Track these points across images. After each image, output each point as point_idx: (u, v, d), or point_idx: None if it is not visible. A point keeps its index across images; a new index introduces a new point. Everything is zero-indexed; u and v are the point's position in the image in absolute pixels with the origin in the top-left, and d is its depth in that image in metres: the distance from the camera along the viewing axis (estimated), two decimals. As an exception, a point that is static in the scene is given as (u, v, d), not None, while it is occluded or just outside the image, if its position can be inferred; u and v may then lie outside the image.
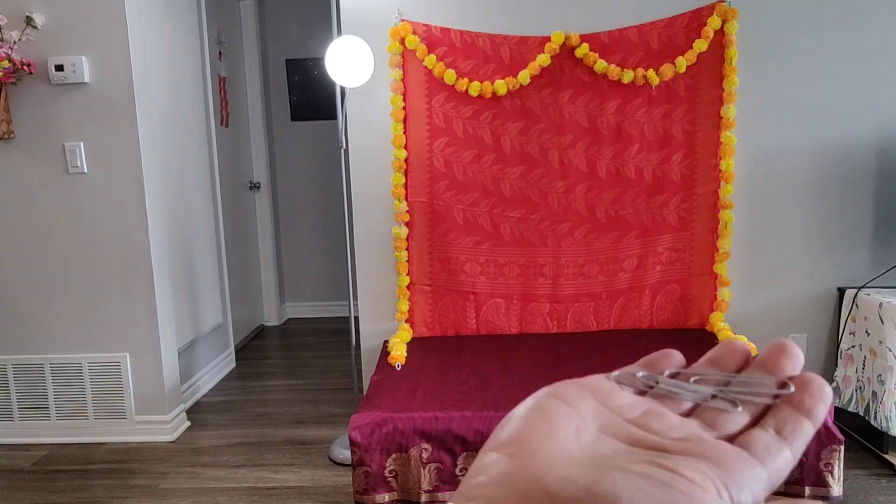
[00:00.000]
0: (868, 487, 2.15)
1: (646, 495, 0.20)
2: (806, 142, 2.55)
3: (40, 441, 2.66)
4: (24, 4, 2.44)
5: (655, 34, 2.47)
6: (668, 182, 2.55)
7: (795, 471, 1.83)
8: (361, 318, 2.72)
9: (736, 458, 0.23)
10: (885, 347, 2.24)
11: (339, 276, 4.30)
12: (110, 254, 2.58)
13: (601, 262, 2.61)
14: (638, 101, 2.50)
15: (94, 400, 2.67)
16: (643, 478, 0.21)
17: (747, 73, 2.47)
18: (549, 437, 0.23)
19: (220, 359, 3.51)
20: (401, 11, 2.48)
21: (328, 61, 2.26)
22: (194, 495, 2.22)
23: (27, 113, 2.51)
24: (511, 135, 2.54)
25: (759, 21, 2.47)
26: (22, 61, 2.42)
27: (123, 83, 2.49)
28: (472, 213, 2.58)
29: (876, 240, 2.60)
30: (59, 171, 2.53)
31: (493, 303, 2.63)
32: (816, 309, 2.66)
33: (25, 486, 2.33)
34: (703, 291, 2.61)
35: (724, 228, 2.53)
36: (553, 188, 2.57)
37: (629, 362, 0.28)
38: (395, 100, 2.51)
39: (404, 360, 2.28)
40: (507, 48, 2.49)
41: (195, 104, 3.28)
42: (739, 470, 0.23)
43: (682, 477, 0.21)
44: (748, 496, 0.22)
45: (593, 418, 0.25)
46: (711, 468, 0.22)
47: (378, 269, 2.67)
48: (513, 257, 2.61)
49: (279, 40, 4.43)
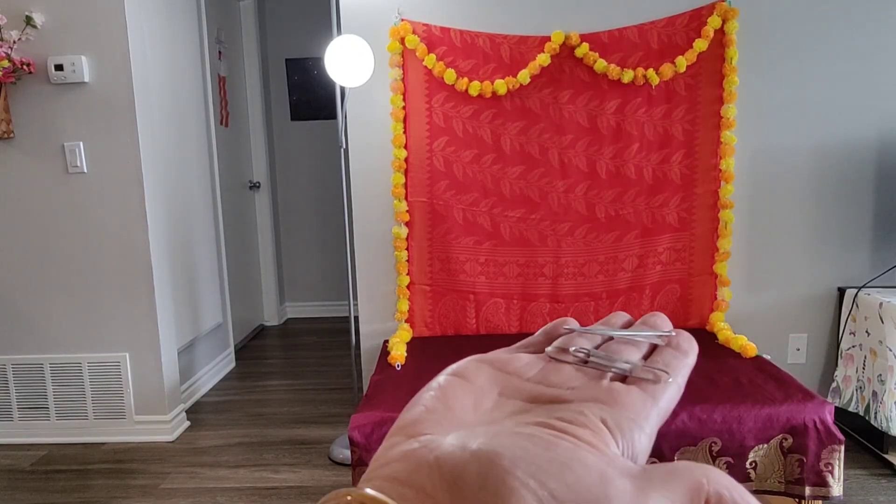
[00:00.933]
0: (868, 487, 2.15)
1: (527, 452, 0.20)
2: (806, 141, 2.55)
3: (40, 441, 2.66)
4: (24, 4, 2.44)
5: (655, 34, 2.46)
6: (668, 182, 2.55)
7: (796, 470, 1.83)
8: (361, 317, 2.72)
9: (627, 396, 0.25)
10: (886, 347, 2.24)
11: (339, 276, 4.30)
12: (110, 254, 2.57)
13: (601, 261, 2.60)
14: (638, 100, 2.49)
15: (93, 400, 2.66)
16: (528, 437, 0.21)
17: (747, 73, 2.47)
18: (447, 413, 0.24)
19: (220, 359, 3.51)
20: (401, 11, 2.48)
21: (328, 61, 2.26)
22: (194, 495, 2.22)
23: (27, 113, 2.51)
24: (511, 134, 2.54)
25: (759, 21, 2.47)
26: (22, 61, 2.42)
27: (123, 83, 2.49)
28: (471, 212, 2.58)
29: (876, 239, 2.60)
30: (58, 170, 2.53)
31: (493, 302, 2.63)
32: (817, 309, 2.66)
33: (25, 486, 2.33)
34: (703, 291, 2.60)
35: (724, 228, 2.53)
36: (553, 188, 2.57)
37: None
38: (395, 99, 2.51)
39: (404, 359, 2.28)
40: (507, 48, 2.49)
41: (195, 104, 3.28)
42: (632, 406, 0.24)
43: (568, 435, 0.22)
44: (640, 431, 0.23)
45: (492, 385, 0.26)
46: (604, 409, 0.23)
47: (378, 269, 2.67)
48: (513, 257, 2.61)
49: (279, 40, 4.43)
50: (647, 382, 0.26)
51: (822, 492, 1.83)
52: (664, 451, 1.84)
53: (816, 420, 1.82)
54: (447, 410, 0.24)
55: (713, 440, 1.84)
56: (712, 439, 1.84)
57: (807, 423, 1.82)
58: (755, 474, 1.86)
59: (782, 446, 1.84)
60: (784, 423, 1.83)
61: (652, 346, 0.29)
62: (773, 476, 1.86)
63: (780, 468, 1.85)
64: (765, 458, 1.85)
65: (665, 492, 0.21)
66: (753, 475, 1.86)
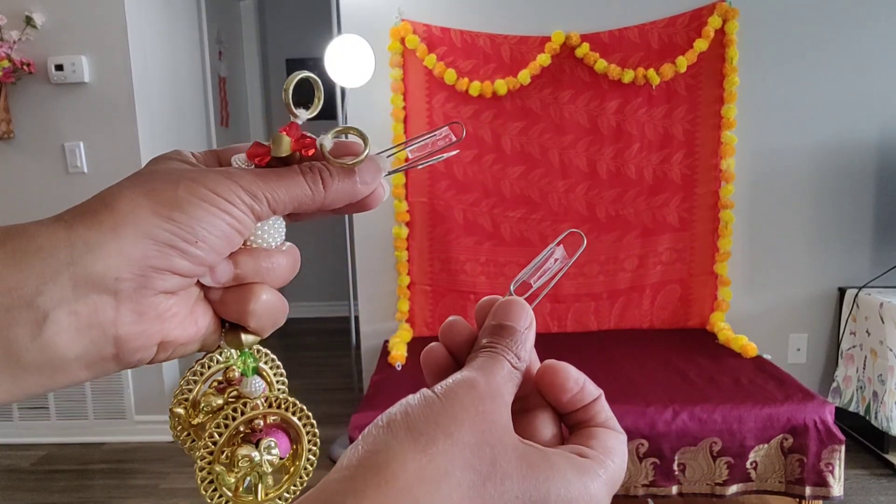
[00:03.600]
0: (869, 487, 2.15)
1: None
2: (806, 141, 2.55)
3: (40, 441, 2.66)
4: (24, 4, 2.43)
5: (656, 34, 2.46)
6: (669, 182, 2.55)
7: (797, 470, 1.83)
8: (361, 318, 2.72)
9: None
10: (886, 347, 2.24)
11: (339, 276, 4.29)
12: (110, 254, 2.57)
13: (601, 261, 2.60)
14: (638, 100, 2.49)
15: (93, 400, 2.66)
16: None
17: (747, 73, 2.47)
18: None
19: (220, 359, 3.51)
20: (401, 11, 2.48)
21: (328, 61, 2.26)
22: (194, 495, 2.22)
23: (27, 113, 2.51)
24: (511, 134, 2.54)
25: (759, 21, 2.47)
26: (22, 61, 2.42)
27: (123, 83, 2.49)
28: (472, 212, 2.58)
29: (876, 239, 2.60)
30: (58, 170, 2.53)
31: (494, 303, 2.63)
32: (817, 309, 2.66)
33: (25, 486, 2.33)
34: (704, 291, 2.60)
35: (724, 228, 2.53)
36: (553, 188, 2.56)
37: (629, 361, 0.30)
38: (396, 100, 2.51)
39: (405, 360, 2.28)
40: (507, 48, 2.49)
41: (195, 104, 3.28)
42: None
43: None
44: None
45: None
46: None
47: (378, 269, 2.67)
48: (513, 257, 2.61)
49: (279, 40, 4.43)
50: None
51: (823, 492, 1.83)
52: (665, 451, 1.84)
53: (817, 420, 1.82)
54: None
55: (714, 440, 1.84)
56: (713, 439, 1.84)
57: (807, 423, 1.82)
58: (756, 474, 1.86)
59: (783, 446, 1.84)
60: (784, 423, 1.83)
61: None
62: (774, 476, 1.86)
63: (781, 468, 1.85)
64: (765, 458, 1.85)
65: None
66: (754, 475, 1.86)
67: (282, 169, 0.31)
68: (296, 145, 0.31)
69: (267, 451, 0.34)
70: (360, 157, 0.32)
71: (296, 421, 0.36)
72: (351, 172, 0.32)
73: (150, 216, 0.28)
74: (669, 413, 1.85)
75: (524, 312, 0.31)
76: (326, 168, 0.31)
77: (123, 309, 0.28)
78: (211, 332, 0.33)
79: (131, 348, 0.29)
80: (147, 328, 0.29)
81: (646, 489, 1.86)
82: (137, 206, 0.28)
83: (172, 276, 0.29)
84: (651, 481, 1.85)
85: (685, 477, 1.86)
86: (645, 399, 1.91)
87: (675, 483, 1.86)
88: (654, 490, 1.86)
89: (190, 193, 0.28)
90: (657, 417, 1.84)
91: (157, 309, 0.29)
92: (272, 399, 0.35)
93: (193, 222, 0.28)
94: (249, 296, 0.31)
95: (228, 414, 0.34)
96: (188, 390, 0.38)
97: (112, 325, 0.27)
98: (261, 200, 0.30)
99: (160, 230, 0.28)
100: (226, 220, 0.29)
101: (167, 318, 0.29)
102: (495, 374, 0.28)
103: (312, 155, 0.31)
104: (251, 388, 0.35)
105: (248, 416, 0.34)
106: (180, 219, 0.28)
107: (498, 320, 0.30)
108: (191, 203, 0.28)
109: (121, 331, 0.28)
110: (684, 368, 2.13)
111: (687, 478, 1.86)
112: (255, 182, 0.30)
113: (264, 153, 0.31)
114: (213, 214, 0.29)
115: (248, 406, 0.34)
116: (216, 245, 0.29)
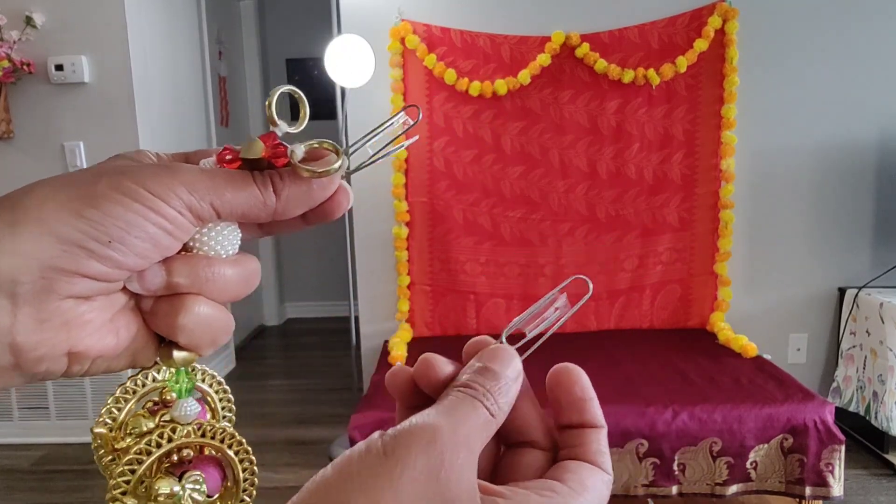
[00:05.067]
0: (869, 487, 2.15)
1: None
2: (806, 141, 2.55)
3: (40, 441, 2.66)
4: (24, 4, 2.43)
5: (656, 34, 2.46)
6: (669, 182, 2.55)
7: (797, 470, 1.83)
8: (361, 317, 2.72)
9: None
10: (886, 347, 2.24)
11: (339, 276, 4.29)
12: (110, 254, 2.57)
13: (601, 261, 2.60)
14: (638, 100, 2.49)
15: (93, 400, 2.66)
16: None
17: (748, 73, 2.47)
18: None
19: (220, 358, 3.51)
20: (401, 11, 2.48)
21: (328, 61, 2.26)
22: (194, 495, 2.22)
23: (27, 113, 2.51)
24: (511, 134, 2.54)
25: (759, 21, 2.47)
26: (22, 61, 2.42)
27: (123, 83, 2.49)
28: (472, 212, 2.58)
29: (876, 239, 2.60)
30: (58, 170, 2.53)
31: (494, 302, 2.63)
32: (817, 309, 2.66)
33: (25, 486, 2.33)
34: (704, 291, 2.60)
35: (724, 228, 2.53)
36: (553, 188, 2.56)
37: (629, 362, 0.30)
38: (396, 100, 2.51)
39: (405, 360, 2.28)
40: (507, 48, 2.49)
41: (195, 104, 3.28)
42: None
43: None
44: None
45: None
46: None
47: (378, 269, 2.67)
48: (513, 257, 2.61)
49: (279, 40, 4.43)
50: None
51: (823, 492, 1.83)
52: (665, 451, 1.84)
53: (817, 420, 1.82)
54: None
55: (713, 440, 1.84)
56: (713, 439, 1.84)
57: (807, 423, 1.82)
58: (756, 474, 1.86)
59: (783, 446, 1.84)
60: (784, 423, 1.83)
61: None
62: (774, 476, 1.86)
63: (781, 468, 1.85)
64: (765, 458, 1.85)
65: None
66: (754, 475, 1.86)
67: (233, 171, 0.29)
68: (268, 152, 0.29)
69: (194, 487, 0.31)
70: (333, 166, 0.30)
71: (231, 454, 0.32)
72: (306, 179, 0.29)
73: (58, 212, 0.25)
74: (669, 413, 1.85)
75: (513, 362, 0.29)
76: (278, 173, 0.29)
77: (21, 315, 0.25)
78: (142, 346, 0.29)
79: (32, 358, 0.25)
80: (50, 336, 0.25)
81: (646, 489, 1.86)
82: (45, 200, 0.25)
83: (82, 280, 0.25)
84: (651, 481, 1.86)
85: (685, 477, 1.86)
86: (645, 399, 1.91)
87: (675, 483, 1.86)
88: (654, 490, 1.86)
89: (111, 188, 0.25)
90: (657, 417, 1.84)
91: (63, 316, 0.26)
92: (206, 427, 0.31)
93: (108, 220, 0.25)
94: (180, 307, 0.28)
95: (153, 440, 0.30)
96: (116, 409, 0.33)
97: (8, 332, 0.25)
98: (202, 200, 0.27)
99: (67, 227, 0.25)
100: (152, 218, 0.26)
101: (76, 325, 0.26)
102: (466, 420, 0.26)
103: (284, 165, 0.29)
104: (182, 412, 0.31)
105: (175, 445, 0.31)
106: (92, 215, 0.25)
107: (484, 363, 0.28)
108: (108, 198, 0.25)
109: (18, 338, 0.25)
110: (684, 368, 2.13)
111: (687, 478, 1.86)
112: (201, 181, 0.27)
113: (233, 157, 0.29)
114: (134, 212, 0.25)
115: (177, 433, 0.31)
116: (138, 247, 0.26)
